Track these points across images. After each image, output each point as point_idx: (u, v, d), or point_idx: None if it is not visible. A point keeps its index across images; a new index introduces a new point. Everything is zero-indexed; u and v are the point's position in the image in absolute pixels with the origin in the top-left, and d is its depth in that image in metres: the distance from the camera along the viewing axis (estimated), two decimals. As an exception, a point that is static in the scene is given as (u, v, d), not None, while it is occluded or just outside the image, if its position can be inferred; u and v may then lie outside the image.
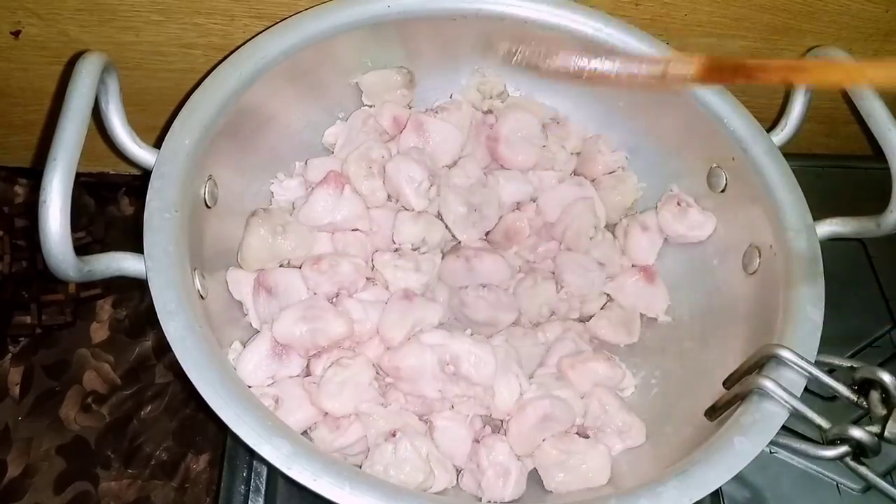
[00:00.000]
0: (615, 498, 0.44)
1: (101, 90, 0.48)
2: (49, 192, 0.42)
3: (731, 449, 0.46)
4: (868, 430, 0.45)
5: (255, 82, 0.56)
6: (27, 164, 0.78)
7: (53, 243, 0.42)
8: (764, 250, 0.57)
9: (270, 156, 0.62)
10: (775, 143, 0.59)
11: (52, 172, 0.42)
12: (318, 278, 0.56)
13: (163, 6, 0.63)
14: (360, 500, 0.42)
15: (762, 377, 0.47)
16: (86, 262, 0.44)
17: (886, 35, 0.71)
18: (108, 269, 0.46)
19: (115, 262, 0.47)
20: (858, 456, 0.46)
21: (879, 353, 0.67)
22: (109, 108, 0.50)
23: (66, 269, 0.43)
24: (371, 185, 0.60)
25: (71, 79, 0.46)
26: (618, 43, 0.61)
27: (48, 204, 0.42)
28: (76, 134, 0.44)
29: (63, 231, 0.42)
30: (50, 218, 0.42)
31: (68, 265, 0.43)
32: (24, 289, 0.72)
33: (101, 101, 0.49)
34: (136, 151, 0.51)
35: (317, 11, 0.59)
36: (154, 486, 0.65)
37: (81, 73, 0.46)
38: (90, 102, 0.45)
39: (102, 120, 0.50)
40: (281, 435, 0.43)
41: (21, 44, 0.66)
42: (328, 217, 0.58)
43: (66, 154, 0.43)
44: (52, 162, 0.43)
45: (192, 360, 0.44)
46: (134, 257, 0.47)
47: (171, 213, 0.49)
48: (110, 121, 0.50)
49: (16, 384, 0.68)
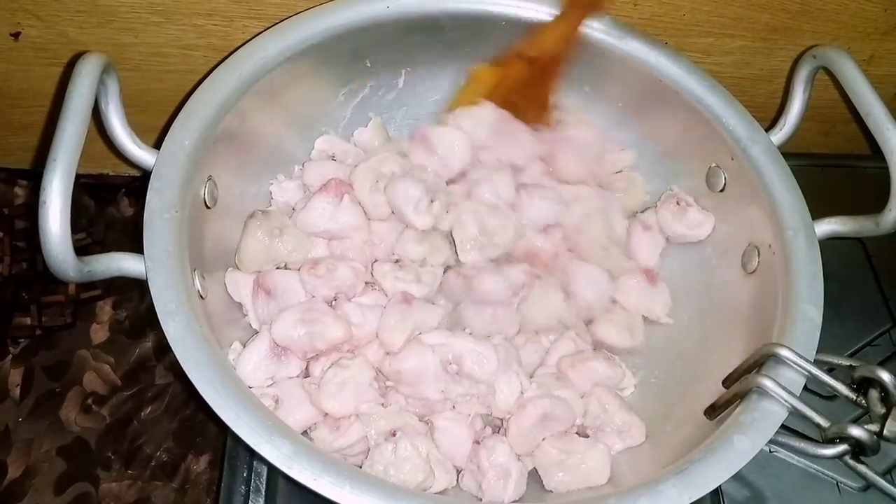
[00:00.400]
0: (615, 497, 0.44)
1: (101, 91, 0.48)
2: (49, 193, 0.42)
3: (731, 448, 0.46)
4: (867, 428, 0.45)
5: (255, 83, 0.56)
6: (27, 165, 0.78)
7: (53, 244, 0.42)
8: (763, 249, 0.57)
9: (270, 157, 0.62)
10: (774, 143, 0.59)
11: (52, 173, 0.43)
12: (315, 282, 0.55)
13: (162, 7, 0.63)
14: (361, 500, 0.42)
15: (761, 376, 0.47)
16: (86, 262, 0.45)
17: (884, 34, 0.71)
18: (108, 270, 0.46)
19: (115, 263, 0.47)
20: (857, 455, 0.46)
21: (879, 352, 0.67)
22: (109, 108, 0.50)
23: (66, 269, 0.43)
24: (375, 199, 0.59)
25: (71, 80, 0.46)
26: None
27: (48, 205, 0.42)
28: (76, 135, 0.44)
29: (63, 232, 0.42)
30: (50, 219, 0.42)
31: (68, 266, 0.43)
32: (24, 290, 0.72)
33: (100, 102, 0.49)
34: (135, 152, 0.51)
35: (316, 12, 0.59)
36: (154, 487, 0.65)
37: (81, 73, 0.46)
38: (90, 103, 0.46)
39: (102, 121, 0.50)
40: (281, 435, 0.43)
41: (20, 45, 0.66)
42: (324, 224, 0.58)
43: (65, 155, 0.43)
44: (51, 163, 0.43)
45: (192, 360, 0.44)
46: (134, 258, 0.47)
47: (170, 213, 0.49)
48: (110, 122, 0.50)
49: (16, 385, 0.68)
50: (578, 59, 0.63)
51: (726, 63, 0.72)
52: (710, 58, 0.71)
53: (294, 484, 0.42)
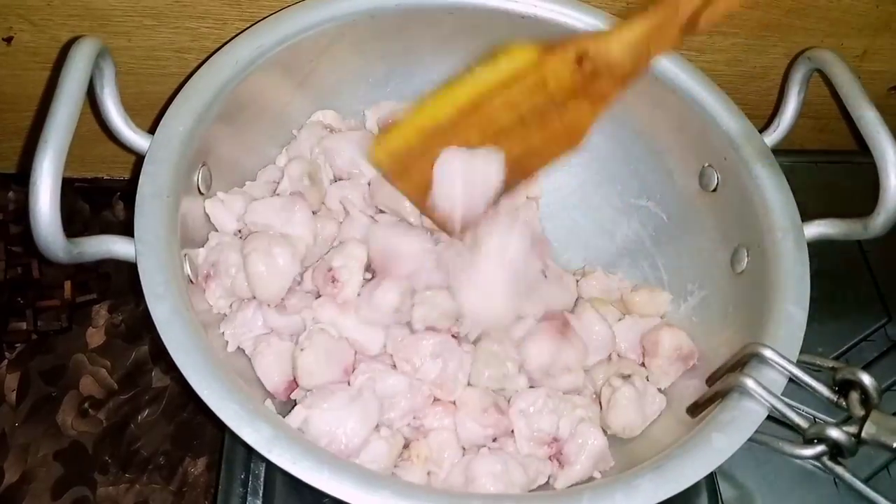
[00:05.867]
0: (590, 491, 0.44)
1: (97, 74, 0.48)
2: (39, 174, 0.42)
3: (709, 446, 0.46)
4: (845, 430, 0.45)
5: (252, 70, 0.56)
6: (21, 169, 0.78)
7: (43, 224, 0.42)
8: (752, 250, 0.57)
9: (266, 144, 0.62)
10: (768, 144, 0.59)
11: (43, 153, 0.42)
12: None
13: (155, 11, 0.63)
14: (339, 485, 0.42)
15: (743, 375, 0.48)
16: (75, 243, 0.44)
17: (877, 30, 0.71)
18: (98, 251, 0.46)
19: (105, 245, 0.47)
20: (836, 456, 0.46)
21: (875, 348, 0.67)
22: (105, 92, 0.50)
23: (55, 249, 0.43)
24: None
25: (65, 63, 0.45)
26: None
27: (38, 184, 0.42)
28: (69, 117, 0.44)
29: (52, 212, 0.42)
30: (40, 199, 0.42)
31: (58, 246, 0.43)
32: (20, 295, 0.72)
33: (95, 86, 0.49)
34: (130, 136, 0.51)
35: (315, 2, 0.59)
36: (152, 490, 0.65)
37: (76, 57, 0.46)
38: (84, 87, 0.45)
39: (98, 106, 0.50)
40: (263, 419, 0.43)
41: (13, 50, 0.66)
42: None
43: (57, 135, 0.43)
44: (43, 143, 0.43)
45: (177, 343, 0.44)
46: (124, 240, 0.47)
47: (163, 198, 0.49)
48: (105, 105, 0.50)
49: (12, 390, 0.68)
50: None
51: (720, 61, 0.72)
52: (704, 56, 0.71)
53: (293, 486, 0.42)
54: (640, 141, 0.66)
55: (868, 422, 0.45)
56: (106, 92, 0.50)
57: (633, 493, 0.44)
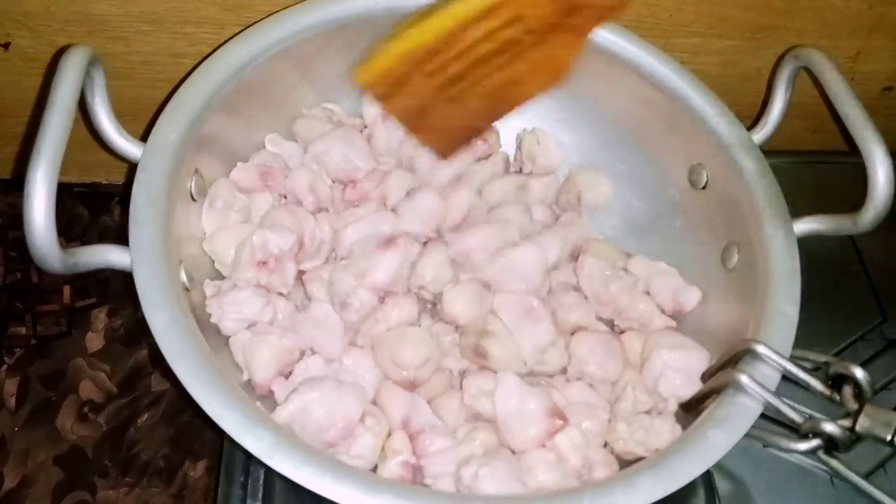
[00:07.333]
0: (590, 490, 0.44)
1: (87, 83, 0.48)
2: (33, 185, 0.42)
3: (706, 442, 0.46)
4: (840, 424, 0.46)
5: (244, 76, 0.56)
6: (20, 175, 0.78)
7: (38, 235, 0.42)
8: (742, 247, 0.57)
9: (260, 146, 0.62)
10: (756, 142, 0.60)
11: (37, 164, 0.42)
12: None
13: (153, 16, 0.63)
14: (342, 490, 0.42)
15: (737, 372, 0.48)
16: (71, 254, 0.44)
17: (870, 30, 0.72)
18: (93, 261, 0.46)
19: (101, 255, 0.47)
20: (830, 450, 0.47)
21: (870, 346, 0.67)
22: (96, 101, 0.50)
23: (51, 260, 0.43)
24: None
25: (56, 73, 0.45)
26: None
27: (32, 196, 0.42)
28: (61, 127, 0.44)
29: (47, 223, 0.42)
30: (34, 210, 0.42)
31: (53, 257, 0.43)
32: (19, 300, 0.72)
33: (87, 95, 0.49)
34: (122, 145, 0.51)
35: (306, 6, 0.59)
36: (152, 494, 0.65)
37: (66, 66, 0.46)
38: (75, 96, 0.45)
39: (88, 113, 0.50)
40: (264, 426, 0.43)
41: (11, 56, 0.66)
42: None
43: (50, 146, 0.43)
44: (36, 154, 0.43)
45: (176, 352, 0.44)
46: (120, 250, 0.47)
47: (156, 205, 0.49)
48: (96, 114, 0.50)
49: (11, 395, 0.68)
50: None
51: (714, 63, 0.72)
52: (698, 58, 0.71)
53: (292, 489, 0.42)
54: (630, 140, 0.66)
55: (862, 415, 0.45)
56: (97, 101, 0.50)
57: (633, 491, 0.44)
